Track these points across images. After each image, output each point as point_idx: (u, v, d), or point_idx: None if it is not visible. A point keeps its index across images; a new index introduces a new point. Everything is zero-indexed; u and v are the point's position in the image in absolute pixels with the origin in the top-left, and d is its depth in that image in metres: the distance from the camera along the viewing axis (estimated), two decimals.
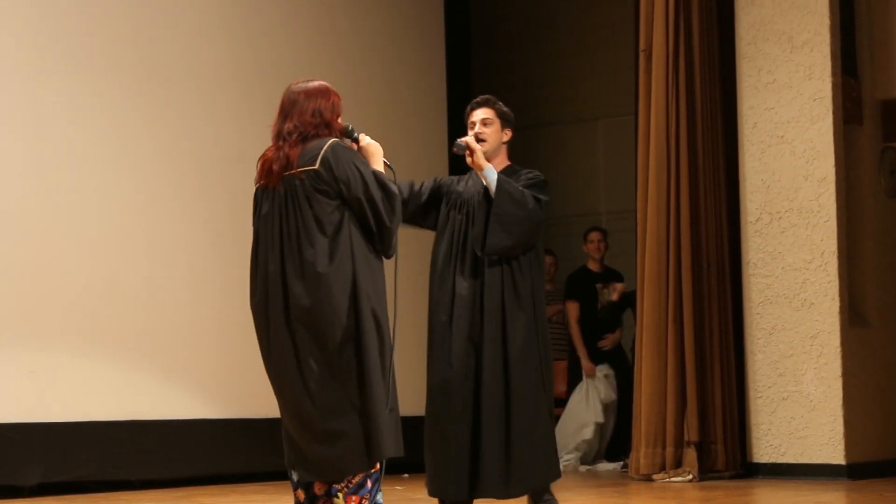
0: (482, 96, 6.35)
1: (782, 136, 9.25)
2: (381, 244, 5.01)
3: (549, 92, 12.37)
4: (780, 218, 9.23)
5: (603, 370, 10.60)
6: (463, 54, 11.45)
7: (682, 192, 9.20)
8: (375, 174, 5.00)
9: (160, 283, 8.97)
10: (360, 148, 5.17)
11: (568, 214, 11.84)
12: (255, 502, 7.79)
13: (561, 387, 10.74)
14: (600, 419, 10.48)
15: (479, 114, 6.25)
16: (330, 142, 4.97)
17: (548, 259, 11.29)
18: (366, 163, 5.05)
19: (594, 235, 10.77)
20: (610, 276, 10.85)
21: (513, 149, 6.50)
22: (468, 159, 6.15)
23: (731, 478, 9.03)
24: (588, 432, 10.49)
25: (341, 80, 10.01)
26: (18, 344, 8.08)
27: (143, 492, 8.39)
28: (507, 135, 6.28)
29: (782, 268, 9.21)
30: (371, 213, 4.95)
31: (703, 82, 9.36)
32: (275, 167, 4.97)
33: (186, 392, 9.05)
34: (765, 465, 9.19)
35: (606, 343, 10.64)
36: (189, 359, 9.07)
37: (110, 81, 8.71)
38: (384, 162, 5.26)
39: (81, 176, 8.62)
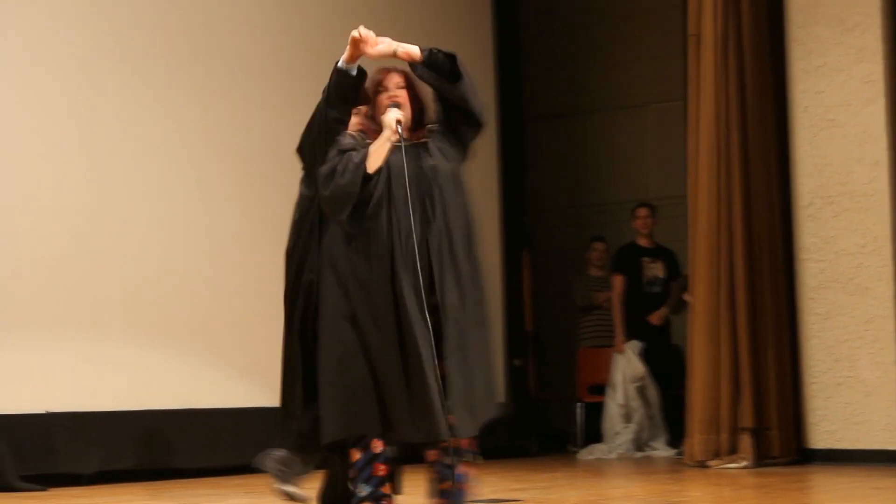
0: None
1: (833, 120, 9.19)
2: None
3: (598, 78, 12.34)
4: (833, 202, 9.17)
5: (632, 347, 10.55)
6: (512, 42, 11.41)
7: (733, 176, 9.16)
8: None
9: (217, 272, 9.04)
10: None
11: (619, 201, 11.82)
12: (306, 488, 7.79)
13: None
14: (630, 401, 10.46)
15: None
16: None
17: (599, 245, 11.30)
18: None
19: (641, 211, 10.78)
20: (660, 252, 10.83)
21: (562, 136, 6.44)
22: None
23: (787, 464, 8.96)
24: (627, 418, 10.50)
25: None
26: (75, 333, 8.17)
27: (201, 479, 8.42)
28: None
29: (836, 252, 9.16)
30: None
31: (753, 66, 9.30)
32: None
33: (243, 380, 9.09)
34: (821, 451, 9.13)
35: (655, 318, 10.62)
36: (245, 347, 9.10)
37: (168, 76, 8.78)
38: None
39: (139, 168, 8.70)
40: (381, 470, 4.81)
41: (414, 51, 5.00)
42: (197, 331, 8.86)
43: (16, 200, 7.99)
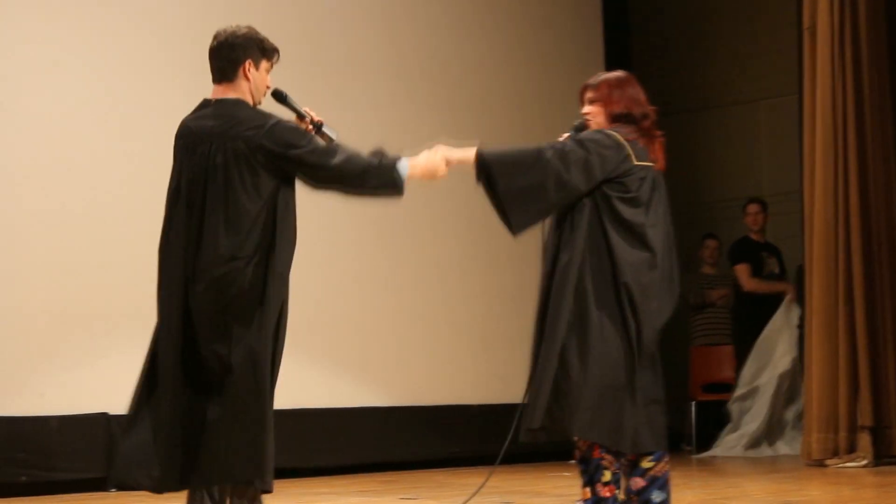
0: None
1: None
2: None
3: (709, 74, 12.32)
4: None
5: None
6: (622, 39, 11.51)
7: (850, 171, 9.12)
8: None
9: (327, 278, 9.14)
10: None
11: (730, 198, 11.75)
12: (419, 488, 7.87)
13: (728, 372, 10.66)
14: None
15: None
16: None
17: (711, 243, 11.25)
18: None
19: (752, 207, 10.82)
20: (772, 248, 10.83)
21: (674, 133, 6.39)
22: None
23: None
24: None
25: (497, 71, 10.35)
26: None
27: (313, 478, 8.52)
28: None
29: None
30: None
31: (870, 59, 9.25)
32: None
33: (353, 381, 9.24)
34: None
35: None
36: (354, 349, 9.27)
37: (203, 84, 8.83)
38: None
39: None
40: None
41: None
42: (308, 333, 8.81)
43: (78, 206, 8.03)
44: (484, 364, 10.14)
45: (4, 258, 7.71)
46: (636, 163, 4.93)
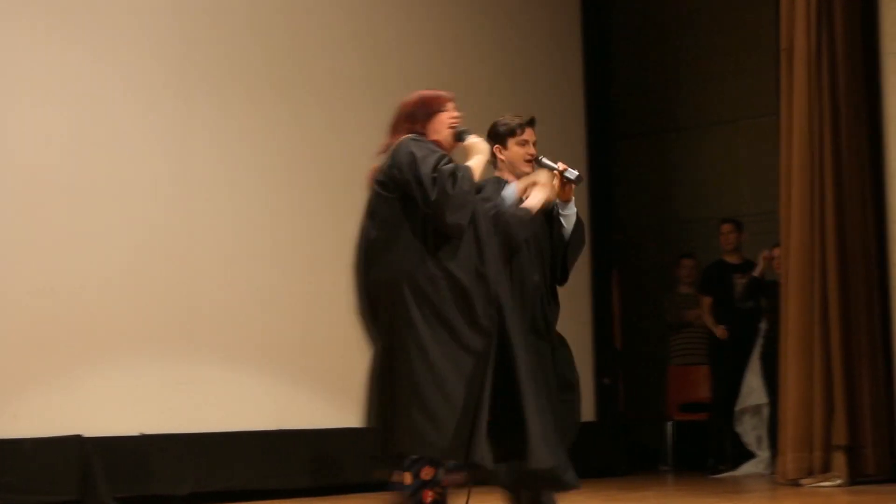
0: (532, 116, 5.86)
1: None
2: (435, 221, 4.88)
3: (688, 95, 12.33)
4: None
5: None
6: (601, 60, 11.42)
7: (826, 192, 9.15)
8: (440, 159, 4.92)
9: (307, 297, 9.11)
10: (465, 147, 5.15)
11: (708, 217, 11.75)
12: None
13: (705, 392, 10.68)
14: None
15: (531, 134, 5.78)
16: (403, 137, 5.02)
17: (688, 262, 11.25)
18: (431, 149, 4.98)
19: (724, 227, 10.72)
20: (748, 267, 10.71)
21: (652, 153, 6.44)
22: (562, 187, 5.71)
23: (882, 482, 8.90)
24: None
25: (477, 88, 10.25)
26: (169, 356, 8.30)
27: (292, 500, 8.50)
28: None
29: None
30: (417, 192, 4.87)
31: (846, 80, 9.28)
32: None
33: (334, 401, 9.12)
34: None
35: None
36: (336, 369, 9.10)
37: (244, 104, 8.87)
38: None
39: (228, 196, 8.84)
40: None
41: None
42: (288, 353, 8.96)
43: (54, 228, 8.02)
44: None
45: None
46: None
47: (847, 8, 9.32)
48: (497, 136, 5.69)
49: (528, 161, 5.65)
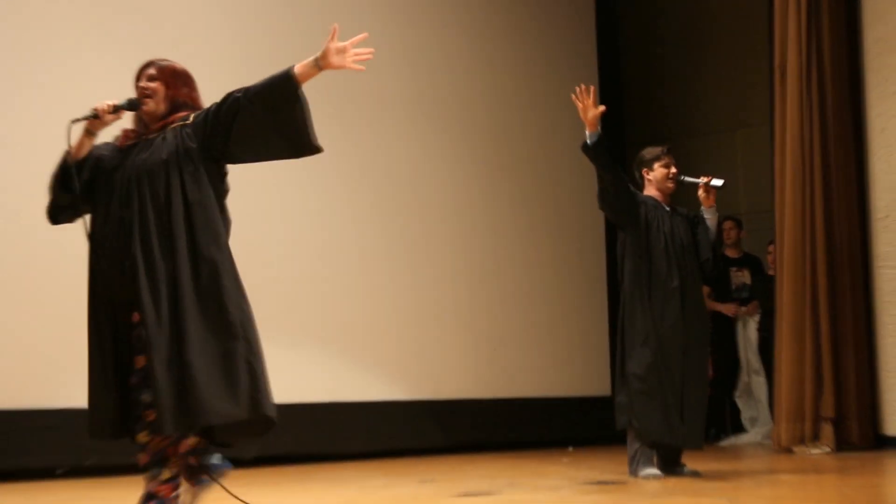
0: None
1: None
2: None
3: (693, 107, 12.48)
4: None
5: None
6: (613, 69, 11.58)
7: (815, 193, 9.25)
8: None
9: (358, 283, 9.44)
10: None
11: None
12: (435, 471, 7.98)
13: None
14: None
15: (671, 158, 6.75)
16: None
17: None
18: None
19: (726, 224, 10.69)
20: (746, 261, 10.90)
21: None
22: (707, 195, 6.54)
23: (864, 450, 9.03)
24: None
25: (496, 97, 10.57)
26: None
27: (342, 462, 8.76)
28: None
29: None
30: None
31: (834, 93, 9.38)
32: None
33: (381, 376, 9.50)
34: (895, 438, 9.20)
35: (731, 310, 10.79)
36: (381, 347, 9.49)
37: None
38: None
39: (300, 190, 9.23)
40: None
41: None
42: (340, 333, 9.24)
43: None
44: (489, 361, 10.24)
45: None
46: None
47: (834, 29, 9.46)
48: (644, 162, 6.66)
49: (671, 179, 6.57)
